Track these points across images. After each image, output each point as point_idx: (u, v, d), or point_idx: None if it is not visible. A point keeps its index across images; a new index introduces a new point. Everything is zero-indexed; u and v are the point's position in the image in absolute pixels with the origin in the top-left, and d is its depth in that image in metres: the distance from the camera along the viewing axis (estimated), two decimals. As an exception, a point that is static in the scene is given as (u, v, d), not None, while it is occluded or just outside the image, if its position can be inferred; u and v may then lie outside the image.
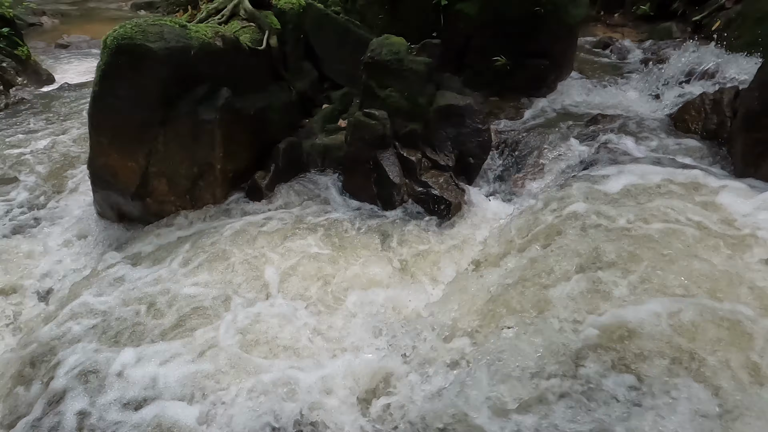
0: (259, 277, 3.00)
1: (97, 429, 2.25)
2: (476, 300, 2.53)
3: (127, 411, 2.30)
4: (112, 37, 3.30)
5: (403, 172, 3.75)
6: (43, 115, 6.82)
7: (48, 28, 15.30)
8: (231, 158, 3.74)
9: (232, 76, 3.73)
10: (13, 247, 3.97)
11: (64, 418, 2.32)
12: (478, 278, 2.68)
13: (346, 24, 4.82)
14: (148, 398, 2.34)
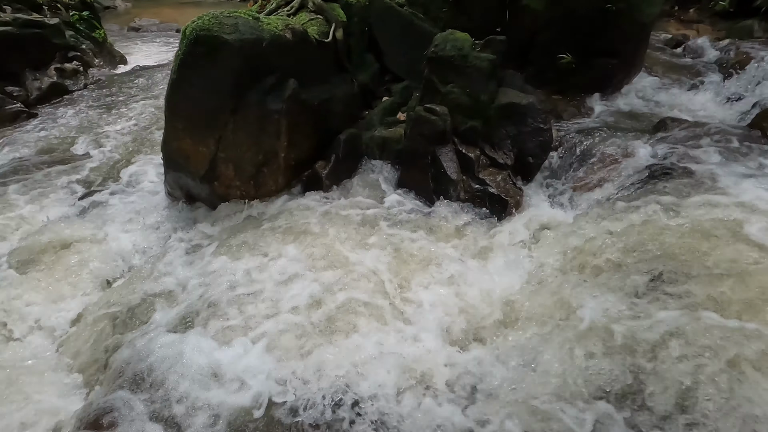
0: (319, 265, 3.12)
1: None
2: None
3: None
4: (191, 28, 3.47)
5: (461, 169, 3.78)
6: (118, 95, 7.23)
7: (121, 12, 16.13)
8: (294, 147, 3.88)
9: (299, 68, 3.85)
10: (87, 221, 4.28)
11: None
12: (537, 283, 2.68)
13: (410, 17, 4.84)
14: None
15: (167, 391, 2.40)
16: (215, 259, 3.38)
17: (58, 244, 3.92)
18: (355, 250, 3.30)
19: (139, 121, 6.25)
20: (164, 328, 2.81)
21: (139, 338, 2.77)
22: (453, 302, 2.82)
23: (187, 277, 3.29)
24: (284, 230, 3.47)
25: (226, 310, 2.83)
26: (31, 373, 2.79)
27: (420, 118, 3.83)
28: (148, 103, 6.83)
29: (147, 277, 3.43)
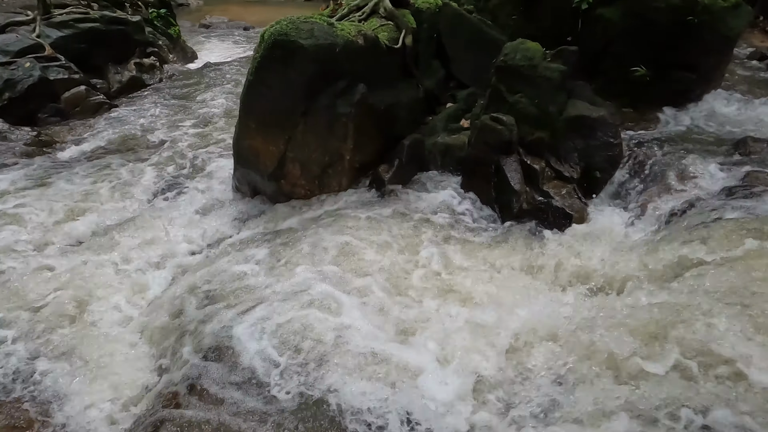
0: (383, 268, 3.19)
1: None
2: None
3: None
4: (269, 33, 3.63)
5: (525, 180, 3.75)
6: (190, 90, 7.59)
7: (193, 9, 16.88)
8: (359, 150, 3.97)
9: (368, 73, 3.94)
10: (160, 209, 4.54)
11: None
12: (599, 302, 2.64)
13: (479, 24, 4.84)
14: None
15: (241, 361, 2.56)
16: (277, 252, 3.51)
17: (134, 227, 4.20)
18: (413, 253, 3.35)
19: (209, 116, 6.55)
20: (231, 309, 2.97)
21: (211, 316, 2.94)
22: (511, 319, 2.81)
23: (251, 267, 3.44)
24: (345, 231, 3.55)
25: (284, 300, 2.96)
26: (113, 349, 3.01)
27: (485, 127, 3.83)
28: (218, 98, 7.14)
29: (215, 263, 3.61)
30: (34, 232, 4.16)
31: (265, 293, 3.04)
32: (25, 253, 3.92)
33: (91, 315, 3.30)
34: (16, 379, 2.80)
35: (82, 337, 3.10)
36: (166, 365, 2.86)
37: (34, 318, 3.21)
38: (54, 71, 6.58)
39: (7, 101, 6.06)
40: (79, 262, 3.79)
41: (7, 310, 3.25)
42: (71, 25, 7.30)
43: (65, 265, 3.74)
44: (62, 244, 4.06)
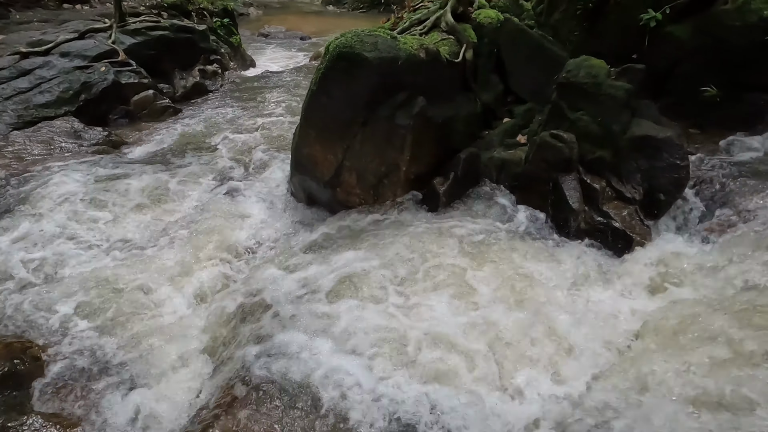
0: (430, 276, 3.20)
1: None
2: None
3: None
4: (334, 45, 3.72)
5: (584, 199, 3.67)
6: (249, 97, 7.87)
7: (253, 18, 17.55)
8: (415, 162, 4.00)
9: (428, 86, 3.97)
10: (218, 210, 4.70)
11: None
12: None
13: (540, 40, 4.79)
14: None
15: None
16: (331, 258, 3.58)
17: (193, 226, 4.37)
18: (468, 269, 3.33)
19: (267, 123, 6.76)
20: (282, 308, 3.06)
21: (267, 316, 3.05)
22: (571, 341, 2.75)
23: (303, 270, 3.53)
24: (399, 241, 3.58)
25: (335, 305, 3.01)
26: (171, 336, 3.14)
27: (545, 144, 3.78)
28: (275, 106, 7.38)
29: (269, 265, 3.71)
30: (102, 227, 4.41)
31: (322, 298, 3.10)
32: (93, 246, 4.17)
33: (151, 309, 3.46)
34: (84, 368, 2.96)
35: (144, 330, 3.26)
36: (221, 360, 2.97)
37: (102, 308, 3.40)
38: (126, 75, 6.99)
39: (83, 102, 6.48)
40: (140, 256, 3.98)
41: (77, 301, 3.46)
42: (143, 33, 7.74)
43: (128, 259, 3.95)
44: (127, 239, 4.28)
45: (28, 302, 3.47)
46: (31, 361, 2.99)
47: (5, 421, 2.58)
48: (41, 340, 3.18)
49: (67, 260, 3.94)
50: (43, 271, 3.83)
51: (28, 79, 6.44)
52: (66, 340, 3.13)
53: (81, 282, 3.64)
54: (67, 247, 4.07)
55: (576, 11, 4.92)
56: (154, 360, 3.03)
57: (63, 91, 6.37)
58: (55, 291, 3.57)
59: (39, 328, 3.26)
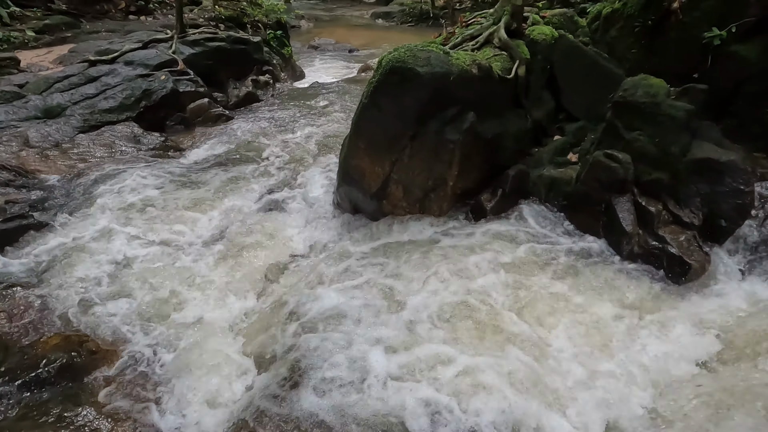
0: (474, 292, 3.15)
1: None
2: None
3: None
4: (387, 59, 3.77)
5: (638, 222, 3.54)
6: (299, 107, 8.04)
7: (304, 31, 17.99)
8: (463, 177, 3.98)
9: (478, 101, 3.95)
10: (265, 217, 4.81)
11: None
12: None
13: (595, 57, 4.69)
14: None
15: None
16: (376, 268, 3.60)
17: (240, 231, 4.49)
18: (514, 288, 3.26)
19: (314, 133, 6.89)
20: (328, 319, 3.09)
21: (309, 322, 3.09)
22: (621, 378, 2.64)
23: (349, 279, 3.55)
24: (445, 255, 3.56)
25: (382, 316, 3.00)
26: (218, 340, 3.22)
27: (598, 163, 3.69)
28: (323, 117, 7.51)
29: (314, 273, 3.76)
30: (155, 228, 4.58)
31: (365, 311, 3.11)
32: (146, 246, 4.34)
33: (197, 308, 3.56)
34: (136, 365, 3.07)
35: (189, 330, 3.36)
36: (264, 362, 3.02)
37: (154, 308, 3.53)
38: (183, 84, 7.30)
39: (143, 108, 6.80)
40: (190, 259, 4.12)
41: (132, 300, 3.60)
42: (202, 44, 8.06)
43: (178, 261, 4.09)
44: (178, 241, 4.44)
45: (86, 298, 3.64)
46: (87, 354, 3.13)
47: (62, 411, 2.70)
48: (97, 336, 3.33)
49: (122, 259, 4.11)
50: (100, 268, 4.00)
51: (94, 85, 6.81)
52: (120, 337, 3.26)
53: (135, 281, 3.80)
54: (122, 246, 4.25)
55: (633, 28, 4.80)
56: (199, 362, 3.11)
57: (125, 97, 6.71)
58: (111, 288, 3.74)
59: (95, 323, 3.42)
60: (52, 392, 2.82)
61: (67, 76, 6.87)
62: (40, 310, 3.55)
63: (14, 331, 3.33)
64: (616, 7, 5.05)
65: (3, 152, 5.54)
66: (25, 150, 5.69)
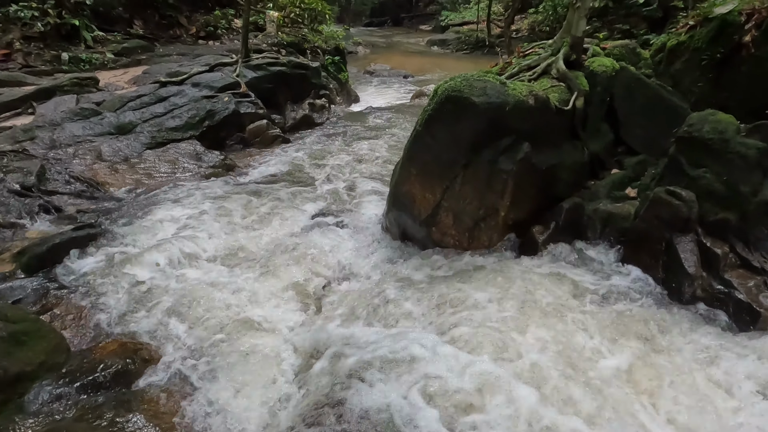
0: (541, 337, 3.05)
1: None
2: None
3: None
4: (443, 88, 3.80)
5: (702, 264, 3.36)
6: (353, 132, 8.22)
7: (361, 56, 18.48)
8: (515, 207, 3.92)
9: (534, 132, 3.91)
10: (315, 239, 4.88)
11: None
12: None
13: (658, 90, 4.56)
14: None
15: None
16: (424, 296, 3.56)
17: (291, 253, 4.58)
18: (565, 327, 3.14)
19: (367, 157, 7.01)
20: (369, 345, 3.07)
21: (353, 348, 3.08)
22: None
23: (394, 306, 3.53)
24: (494, 289, 3.49)
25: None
26: (265, 356, 3.27)
27: (659, 200, 3.54)
28: (376, 141, 7.64)
29: (362, 298, 3.77)
30: (210, 243, 4.75)
31: (414, 342, 3.08)
32: (201, 260, 4.50)
33: (250, 328, 3.63)
34: (188, 375, 3.16)
35: (237, 346, 3.42)
36: (307, 383, 3.03)
37: (205, 321, 3.64)
38: (244, 106, 7.63)
39: (206, 128, 7.14)
40: (242, 275, 4.23)
41: (185, 311, 3.73)
42: (264, 68, 8.44)
43: (231, 276, 4.21)
44: (231, 257, 4.58)
45: (142, 306, 3.81)
46: (141, 362, 3.25)
47: (114, 416, 2.80)
48: (150, 344, 3.46)
49: (179, 271, 4.28)
50: (156, 279, 4.18)
51: (163, 105, 7.24)
52: (173, 346, 3.37)
53: (190, 293, 3.93)
54: (177, 259, 4.42)
55: (701, 61, 4.65)
56: (249, 376, 3.16)
57: (191, 117, 7.08)
58: (164, 298, 3.89)
59: (149, 332, 3.56)
60: (106, 396, 2.93)
61: (139, 96, 7.33)
62: (101, 315, 3.73)
63: (78, 334, 3.52)
64: (681, 39, 4.92)
65: (78, 164, 5.95)
66: (97, 163, 6.09)
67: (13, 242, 4.54)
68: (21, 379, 2.86)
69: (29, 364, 2.94)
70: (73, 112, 6.81)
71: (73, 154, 6.12)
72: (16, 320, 3.17)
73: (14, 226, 4.79)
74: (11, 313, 3.23)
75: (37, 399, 2.84)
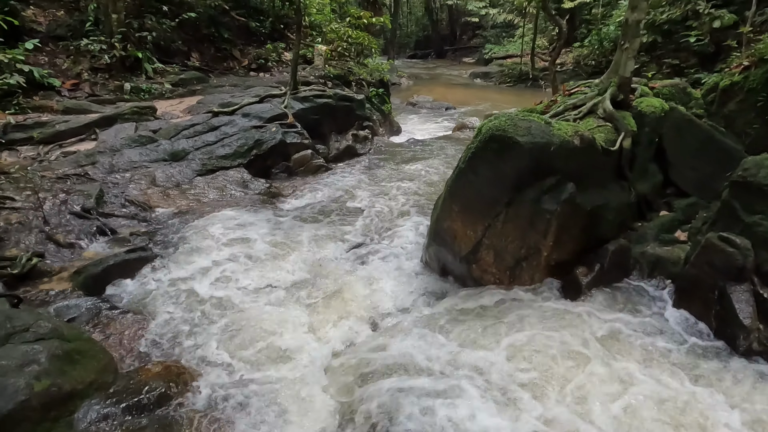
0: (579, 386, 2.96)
1: None
2: None
3: None
4: (487, 127, 3.84)
5: (758, 315, 3.19)
6: (394, 163, 8.33)
7: (403, 88, 18.81)
8: (558, 248, 3.86)
9: (579, 172, 3.87)
10: (353, 270, 4.93)
11: None
12: None
13: (710, 131, 4.45)
14: None
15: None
16: (463, 334, 3.52)
17: (331, 284, 4.64)
18: (611, 381, 3.02)
19: (408, 189, 7.07)
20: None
21: (388, 386, 3.07)
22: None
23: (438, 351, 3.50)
24: (536, 331, 3.42)
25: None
26: (302, 386, 3.30)
27: (712, 246, 3.41)
28: (418, 173, 7.70)
29: (401, 333, 3.76)
30: (253, 270, 4.87)
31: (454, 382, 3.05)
32: (242, 287, 4.61)
33: (287, 357, 3.68)
34: (226, 402, 3.22)
35: (276, 373, 3.47)
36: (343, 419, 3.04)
37: (246, 348, 3.71)
38: (291, 136, 7.88)
39: (253, 157, 7.40)
40: (281, 303, 4.31)
41: (226, 338, 3.83)
42: (311, 100, 8.72)
43: (270, 304, 4.29)
44: (271, 284, 4.67)
45: (185, 330, 3.93)
46: (182, 386, 3.34)
47: (156, 439, 2.89)
48: (192, 368, 3.55)
49: (220, 297, 4.40)
50: (200, 303, 4.31)
51: (215, 134, 7.57)
52: (214, 373, 3.45)
53: (233, 320, 4.03)
54: (221, 284, 4.56)
55: (756, 102, 4.52)
56: (285, 405, 3.20)
57: (240, 146, 7.37)
58: (207, 323, 4.01)
59: (191, 356, 3.66)
60: (150, 419, 3.02)
61: (193, 125, 7.70)
62: (148, 337, 3.87)
63: (125, 355, 3.65)
64: (735, 79, 4.80)
65: (134, 189, 6.27)
66: (151, 188, 6.40)
67: (72, 262, 4.81)
68: (72, 397, 2.99)
69: (81, 382, 3.07)
70: (132, 138, 7.21)
71: (129, 178, 6.46)
72: (71, 339, 3.33)
73: (73, 246, 5.07)
74: (67, 331, 3.39)
75: (85, 418, 2.95)
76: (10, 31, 7.91)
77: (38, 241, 5.00)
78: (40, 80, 8.30)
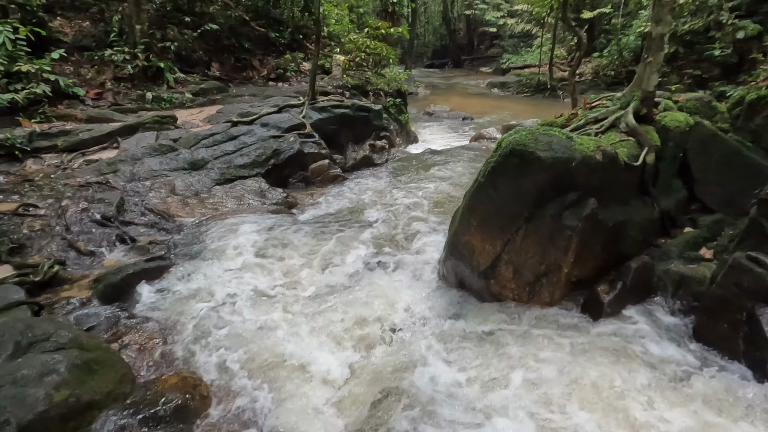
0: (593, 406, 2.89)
1: None
2: None
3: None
4: (507, 141, 3.80)
5: (789, 339, 3.08)
6: (411, 174, 8.30)
7: (420, 98, 18.82)
8: (579, 264, 3.79)
9: (601, 187, 3.81)
10: (368, 282, 4.90)
11: None
12: None
13: (737, 146, 4.35)
14: None
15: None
16: (481, 353, 3.47)
17: (347, 296, 4.61)
18: (635, 407, 2.93)
19: (425, 200, 7.02)
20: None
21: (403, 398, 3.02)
22: None
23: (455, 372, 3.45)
24: (556, 350, 3.35)
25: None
26: (318, 398, 3.27)
27: (739, 266, 3.31)
28: (434, 184, 7.65)
29: (416, 346, 3.71)
30: (269, 280, 4.88)
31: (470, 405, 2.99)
32: (259, 296, 4.61)
33: (303, 370, 3.66)
34: (241, 414, 3.21)
35: (292, 384, 3.46)
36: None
37: (262, 360, 3.70)
38: (308, 146, 7.92)
39: (271, 166, 7.45)
40: (297, 314, 4.30)
41: (241, 348, 3.82)
42: (328, 110, 8.76)
43: (286, 315, 4.28)
44: (287, 294, 4.67)
45: (202, 340, 3.93)
46: (199, 398, 3.34)
47: (172, 451, 2.88)
48: (208, 379, 3.55)
49: (237, 306, 4.41)
50: (217, 313, 4.32)
51: (233, 143, 7.64)
52: (230, 385, 3.45)
53: (249, 332, 4.03)
54: (239, 293, 4.57)
55: (785, 117, 4.40)
56: (298, 423, 3.17)
57: (258, 155, 7.42)
58: (223, 332, 4.01)
59: (207, 367, 3.66)
60: (166, 431, 3.02)
61: (212, 134, 7.79)
62: (165, 347, 3.88)
63: (142, 365, 3.67)
64: (762, 93, 4.69)
65: (153, 197, 6.35)
66: (171, 197, 6.47)
67: (92, 269, 4.87)
68: (90, 408, 3.00)
69: (99, 393, 3.09)
70: (153, 147, 7.32)
71: (149, 187, 6.54)
72: (90, 348, 3.35)
73: (93, 254, 5.14)
74: (86, 340, 3.42)
75: (103, 429, 2.96)
76: (37, 41, 8.12)
77: (60, 249, 5.09)
78: (65, 89, 8.48)
